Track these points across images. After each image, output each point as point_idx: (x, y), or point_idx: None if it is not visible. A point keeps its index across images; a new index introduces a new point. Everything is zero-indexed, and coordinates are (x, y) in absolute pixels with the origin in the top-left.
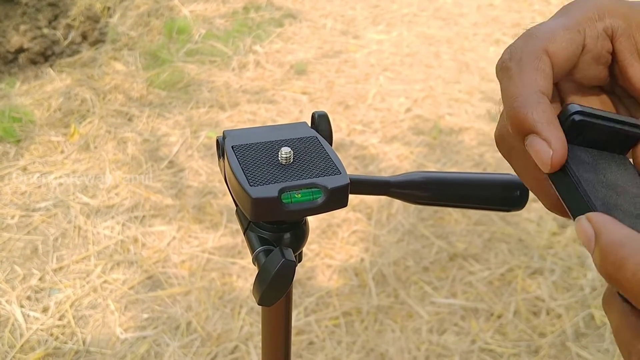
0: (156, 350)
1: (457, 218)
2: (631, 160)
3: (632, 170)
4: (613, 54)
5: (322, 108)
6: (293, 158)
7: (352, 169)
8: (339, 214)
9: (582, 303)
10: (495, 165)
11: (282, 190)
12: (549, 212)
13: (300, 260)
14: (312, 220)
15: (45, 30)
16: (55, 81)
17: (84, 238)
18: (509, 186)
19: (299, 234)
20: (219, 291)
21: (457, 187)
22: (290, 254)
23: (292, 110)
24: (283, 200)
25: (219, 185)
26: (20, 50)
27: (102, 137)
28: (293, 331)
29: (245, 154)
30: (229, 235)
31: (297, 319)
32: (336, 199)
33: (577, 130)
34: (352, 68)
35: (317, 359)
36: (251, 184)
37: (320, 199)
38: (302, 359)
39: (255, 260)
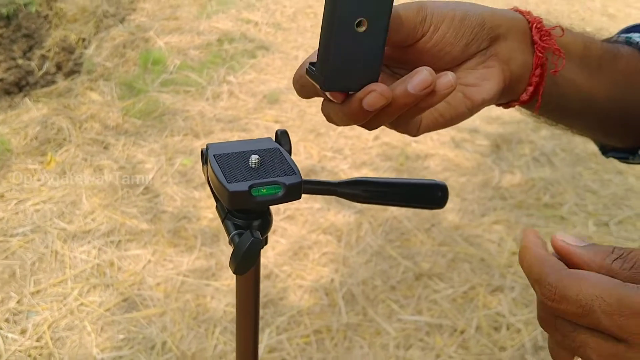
0: None
1: (422, 239)
2: None
3: None
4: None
5: (294, 136)
6: (260, 163)
7: None
8: (310, 236)
9: None
10: (459, 189)
11: (251, 186)
12: (509, 233)
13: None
14: (283, 242)
15: (20, 61)
16: (32, 110)
17: (61, 262)
18: (432, 188)
19: (265, 222)
20: (193, 312)
21: (391, 189)
22: (258, 235)
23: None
24: (252, 194)
25: (193, 210)
26: None
27: (79, 164)
28: (265, 349)
29: (223, 160)
30: (203, 258)
31: (270, 337)
32: (292, 193)
33: None
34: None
35: None
36: (228, 181)
37: (280, 193)
38: None
39: (231, 240)
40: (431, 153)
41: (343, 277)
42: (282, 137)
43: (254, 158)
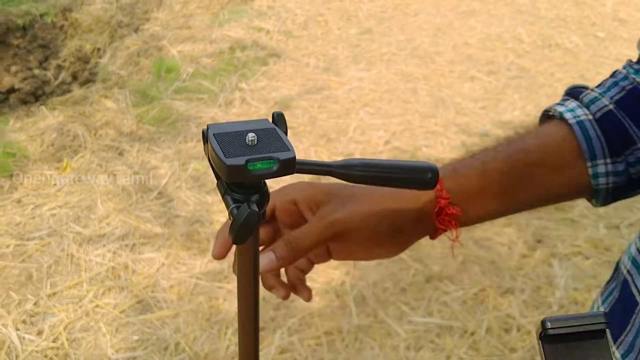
0: None
1: (432, 243)
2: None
3: (605, 353)
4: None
5: (305, 141)
6: (257, 141)
7: None
8: None
9: None
10: None
11: (248, 161)
12: (519, 236)
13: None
14: None
15: (36, 71)
16: (48, 118)
17: (76, 265)
18: (422, 170)
19: (262, 197)
20: (206, 313)
21: (383, 170)
22: (255, 207)
23: None
24: (249, 167)
25: (206, 214)
26: (12, 90)
27: (94, 170)
28: (277, 350)
29: (222, 138)
30: (215, 262)
31: (281, 338)
32: (286, 168)
33: (554, 338)
34: (333, 104)
35: None
36: (226, 156)
37: (275, 167)
38: None
39: (230, 213)
40: (442, 157)
41: (354, 280)
42: (279, 118)
43: (251, 136)
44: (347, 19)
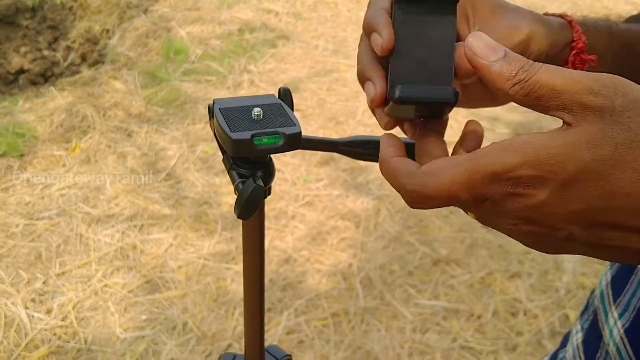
0: (154, 349)
1: (440, 226)
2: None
3: (450, 21)
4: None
5: (313, 124)
6: (262, 115)
7: (341, 180)
8: (328, 222)
9: (558, 304)
10: None
11: (253, 135)
12: None
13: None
14: (302, 228)
15: (46, 52)
16: (57, 99)
17: (85, 245)
18: None
19: (268, 171)
20: (213, 294)
21: None
22: (260, 182)
23: None
24: (254, 142)
25: (214, 195)
26: (21, 71)
27: (103, 151)
28: (283, 331)
29: (228, 113)
30: (223, 243)
31: (288, 319)
32: (292, 143)
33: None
34: (342, 86)
35: (306, 357)
36: (232, 130)
37: (280, 142)
38: (292, 357)
39: (236, 188)
40: (451, 141)
41: (361, 262)
42: (285, 94)
43: (257, 110)
44: (357, 1)
